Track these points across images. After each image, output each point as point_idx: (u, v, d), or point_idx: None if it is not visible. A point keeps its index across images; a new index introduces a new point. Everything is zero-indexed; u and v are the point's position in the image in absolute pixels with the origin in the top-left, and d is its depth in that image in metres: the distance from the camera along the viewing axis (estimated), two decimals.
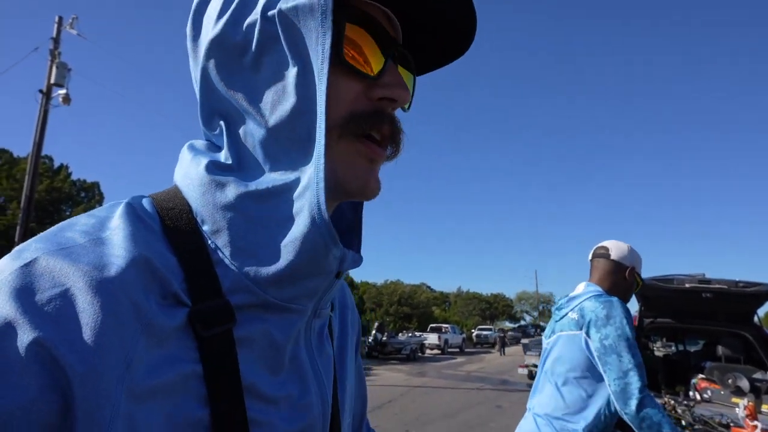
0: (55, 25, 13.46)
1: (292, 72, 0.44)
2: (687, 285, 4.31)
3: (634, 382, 1.72)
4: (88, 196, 25.98)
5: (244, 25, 0.45)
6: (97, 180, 26.96)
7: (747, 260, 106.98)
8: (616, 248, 2.05)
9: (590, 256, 2.12)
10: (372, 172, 0.49)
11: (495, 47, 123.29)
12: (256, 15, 0.45)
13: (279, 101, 0.45)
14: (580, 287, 2.05)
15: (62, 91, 13.10)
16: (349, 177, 0.48)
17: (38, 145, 12.89)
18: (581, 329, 1.88)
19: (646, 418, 1.68)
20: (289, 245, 0.44)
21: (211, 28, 0.47)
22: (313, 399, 0.50)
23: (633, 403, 1.70)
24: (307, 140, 0.44)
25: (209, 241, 0.45)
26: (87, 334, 0.35)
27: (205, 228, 0.45)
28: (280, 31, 0.44)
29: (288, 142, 0.45)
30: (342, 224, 0.62)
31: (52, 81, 13.05)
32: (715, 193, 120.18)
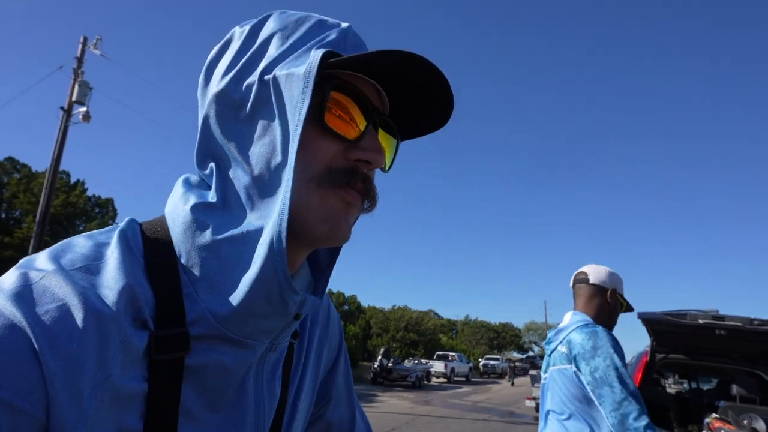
0: (80, 45, 13.88)
1: (278, 130, 0.50)
2: (700, 321, 4.23)
3: (631, 411, 1.68)
4: (102, 212, 26.24)
5: (244, 84, 0.52)
6: (111, 196, 27.37)
7: (761, 298, 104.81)
8: (594, 272, 2.03)
9: (571, 283, 2.10)
10: (345, 214, 0.53)
11: (512, 48, 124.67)
12: (254, 77, 0.51)
13: (264, 154, 0.51)
14: (567, 317, 2.02)
15: (83, 109, 13.43)
16: (319, 220, 0.51)
17: (56, 160, 13.15)
18: (571, 363, 1.86)
19: None
20: (246, 287, 0.48)
21: (217, 82, 0.54)
22: (247, 427, 0.55)
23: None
24: (282, 192, 0.49)
25: (183, 275, 0.50)
26: (72, 345, 0.40)
27: (182, 262, 0.50)
28: (272, 94, 0.50)
29: (268, 191, 0.50)
30: (314, 265, 0.66)
31: (74, 99, 13.40)
32: (730, 230, 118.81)
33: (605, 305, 1.99)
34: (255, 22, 0.56)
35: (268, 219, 0.50)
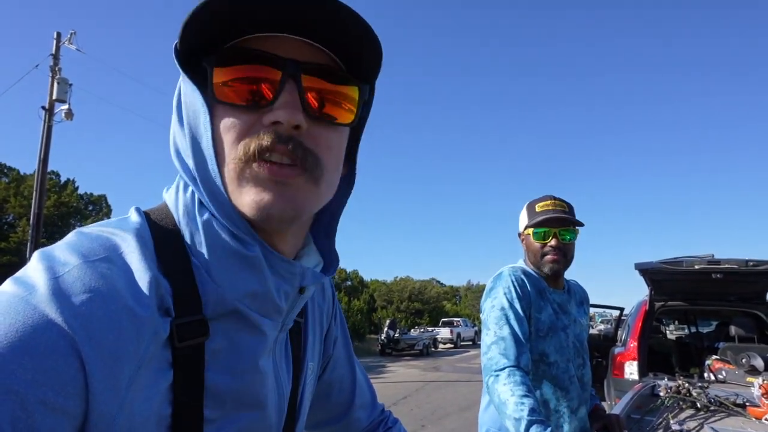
0: (54, 41, 13.55)
1: (194, 126, 0.52)
2: (697, 266, 4.29)
3: (494, 356, 1.54)
4: (96, 209, 26.11)
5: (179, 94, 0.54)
6: (104, 193, 27.12)
7: (755, 238, 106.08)
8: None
9: None
10: (278, 191, 0.49)
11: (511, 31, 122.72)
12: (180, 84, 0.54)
13: (192, 152, 0.52)
14: None
15: (64, 107, 13.20)
16: (248, 206, 0.49)
17: (44, 161, 13.00)
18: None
19: (494, 398, 1.48)
20: (231, 263, 0.51)
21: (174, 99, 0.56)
22: (269, 404, 0.57)
23: (489, 380, 1.52)
24: (214, 181, 0.51)
25: (194, 259, 0.51)
26: (110, 337, 0.41)
27: (189, 246, 0.52)
28: (183, 93, 0.53)
29: (205, 182, 0.52)
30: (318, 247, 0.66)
31: (54, 97, 13.15)
32: (715, 172, 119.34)
33: (526, 251, 1.84)
34: None
35: (219, 210, 0.51)
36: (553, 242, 1.73)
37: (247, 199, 0.49)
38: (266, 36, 0.50)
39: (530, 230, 1.78)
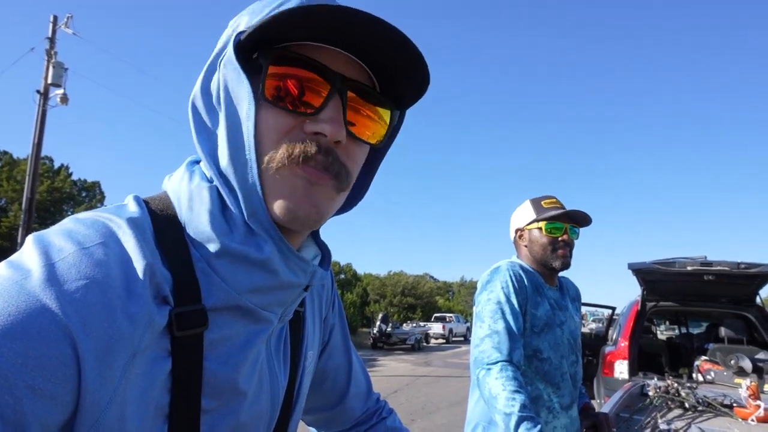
0: (50, 25, 13.40)
1: (232, 114, 0.51)
2: (689, 268, 4.32)
3: (486, 349, 1.54)
4: (89, 196, 25.88)
5: (216, 73, 0.54)
6: (97, 179, 26.88)
7: (748, 241, 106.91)
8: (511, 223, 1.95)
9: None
10: (306, 193, 0.51)
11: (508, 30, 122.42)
12: (218, 67, 0.53)
13: (227, 138, 0.51)
14: None
15: (60, 91, 13.08)
16: (278, 205, 0.51)
17: (37, 146, 12.88)
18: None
19: (484, 392, 1.48)
20: (261, 263, 0.51)
21: (201, 73, 0.56)
22: (264, 394, 0.58)
23: (480, 373, 1.52)
24: (248, 173, 0.50)
25: (194, 250, 0.50)
26: (104, 324, 0.41)
27: (191, 237, 0.51)
28: (224, 80, 0.52)
29: (239, 174, 0.51)
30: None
31: (49, 81, 13.02)
32: (710, 173, 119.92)
33: (523, 248, 1.86)
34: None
35: (245, 202, 0.51)
36: (565, 237, 1.77)
37: (279, 200, 0.51)
38: (319, 46, 0.51)
39: (542, 224, 1.79)
